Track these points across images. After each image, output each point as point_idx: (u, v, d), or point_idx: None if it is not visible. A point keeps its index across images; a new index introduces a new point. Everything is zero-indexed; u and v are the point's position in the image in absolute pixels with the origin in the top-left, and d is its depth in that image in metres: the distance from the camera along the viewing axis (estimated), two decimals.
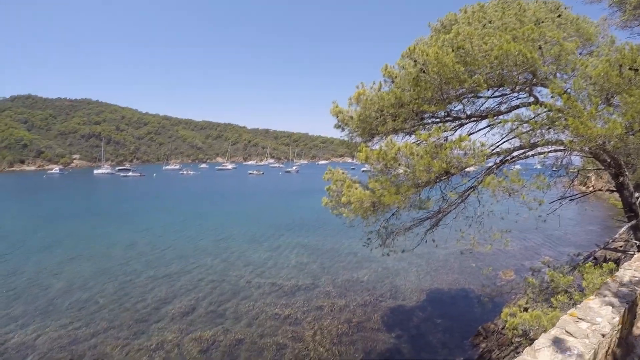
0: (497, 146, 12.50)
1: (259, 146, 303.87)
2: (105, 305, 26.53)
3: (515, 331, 10.45)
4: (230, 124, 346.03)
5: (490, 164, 12.70)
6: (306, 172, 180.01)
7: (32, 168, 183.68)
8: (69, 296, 28.21)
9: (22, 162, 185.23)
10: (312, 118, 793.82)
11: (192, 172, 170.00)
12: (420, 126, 12.50)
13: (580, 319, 6.14)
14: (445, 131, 11.11)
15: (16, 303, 27.09)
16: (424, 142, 10.59)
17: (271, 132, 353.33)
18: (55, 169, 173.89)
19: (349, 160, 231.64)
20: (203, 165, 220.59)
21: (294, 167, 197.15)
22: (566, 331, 5.66)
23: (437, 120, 12.76)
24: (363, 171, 14.16)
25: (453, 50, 10.10)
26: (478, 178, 12.66)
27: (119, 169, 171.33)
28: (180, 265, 35.43)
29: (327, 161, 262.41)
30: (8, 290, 29.39)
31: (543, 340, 5.48)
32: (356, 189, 11.29)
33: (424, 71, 10.39)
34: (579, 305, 6.93)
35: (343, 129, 13.67)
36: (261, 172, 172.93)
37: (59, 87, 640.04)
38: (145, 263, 36.11)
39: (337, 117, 13.41)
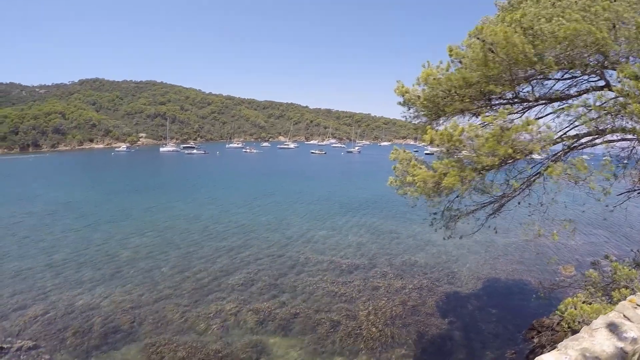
0: (565, 132, 12.06)
1: (320, 126, 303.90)
2: (168, 274, 28.00)
3: (574, 324, 10.24)
4: (292, 103, 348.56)
5: (557, 151, 12.29)
6: (368, 153, 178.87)
7: (101, 146, 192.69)
8: (134, 264, 30.00)
9: (91, 140, 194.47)
10: (374, 99, 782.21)
11: (254, 151, 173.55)
12: (488, 107, 12.24)
13: (639, 305, 6.07)
14: (511, 113, 10.87)
15: (85, 269, 29.13)
16: (490, 124, 10.43)
17: (333, 112, 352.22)
18: (123, 146, 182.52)
19: (411, 142, 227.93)
20: (265, 144, 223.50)
21: (356, 148, 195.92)
22: (624, 315, 5.64)
23: (505, 102, 12.39)
24: (426, 154, 14.05)
25: (523, 30, 9.82)
26: (544, 164, 12.26)
27: (184, 147, 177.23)
28: (242, 239, 36.65)
29: (389, 143, 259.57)
30: (78, 257, 31.49)
31: (600, 322, 5.48)
32: (420, 168, 11.22)
33: (492, 51, 10.18)
34: (639, 293, 6.82)
35: (409, 108, 13.49)
36: (323, 152, 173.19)
37: (124, 70, 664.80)
38: (208, 236, 37.61)
39: (403, 96, 13.17)
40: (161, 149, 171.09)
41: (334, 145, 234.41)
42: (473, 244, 32.79)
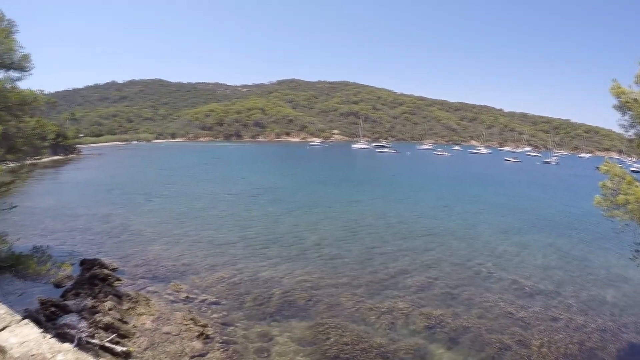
0: None
1: (515, 131, 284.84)
2: (349, 264, 29.99)
3: None
4: (485, 106, 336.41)
5: None
6: (567, 165, 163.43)
7: (296, 139, 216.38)
8: (318, 250, 32.85)
9: (287, 134, 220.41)
10: (575, 103, 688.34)
11: (446, 154, 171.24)
12: None
13: None
14: None
15: (273, 246, 33.09)
16: None
17: (529, 116, 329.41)
18: (317, 141, 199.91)
19: (615, 155, 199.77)
20: (456, 147, 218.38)
21: (554, 158, 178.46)
22: None
23: None
24: (632, 170, 12.78)
25: None
26: None
27: (375, 145, 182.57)
28: (426, 242, 37.13)
29: (590, 155, 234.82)
30: (269, 235, 35.89)
31: None
32: (637, 187, 10.33)
33: None
34: None
35: (624, 114, 12.20)
36: (518, 160, 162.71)
37: (318, 71, 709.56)
38: (393, 234, 39.05)
39: (619, 98, 11.98)
40: (353, 146, 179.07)
41: (528, 153, 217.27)
42: None
